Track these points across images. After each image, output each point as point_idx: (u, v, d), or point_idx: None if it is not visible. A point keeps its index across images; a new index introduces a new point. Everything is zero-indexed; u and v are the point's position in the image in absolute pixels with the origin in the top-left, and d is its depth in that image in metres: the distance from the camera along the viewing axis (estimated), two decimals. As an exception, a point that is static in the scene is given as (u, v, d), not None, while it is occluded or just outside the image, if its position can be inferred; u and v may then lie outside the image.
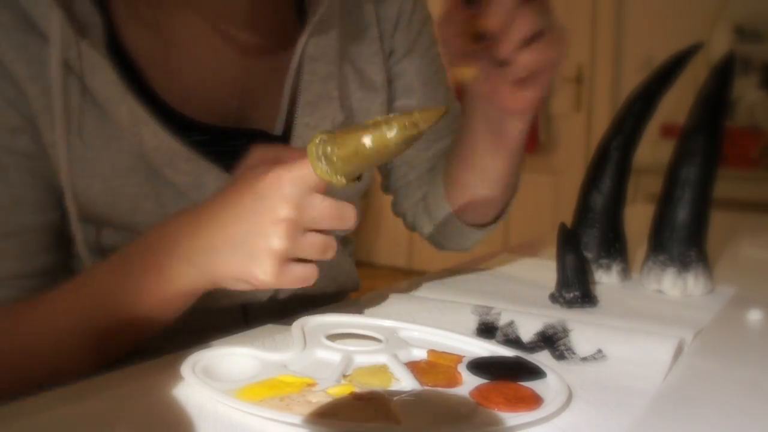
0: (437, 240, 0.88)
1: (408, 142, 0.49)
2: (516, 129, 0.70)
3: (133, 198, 0.62)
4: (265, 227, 0.50)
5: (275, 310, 0.71)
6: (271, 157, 0.54)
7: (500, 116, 0.69)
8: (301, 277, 0.52)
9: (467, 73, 0.62)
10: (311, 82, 0.70)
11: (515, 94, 0.63)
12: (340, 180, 0.50)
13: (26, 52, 0.57)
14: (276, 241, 0.50)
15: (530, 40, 0.58)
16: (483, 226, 0.83)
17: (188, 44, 0.66)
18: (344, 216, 0.52)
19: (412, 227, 0.90)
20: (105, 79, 0.59)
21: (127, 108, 0.60)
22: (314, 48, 0.71)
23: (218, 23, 0.68)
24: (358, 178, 0.52)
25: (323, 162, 0.50)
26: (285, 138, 0.70)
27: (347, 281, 0.82)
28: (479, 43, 0.58)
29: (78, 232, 0.61)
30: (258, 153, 0.56)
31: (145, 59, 0.64)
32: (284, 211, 0.50)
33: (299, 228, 0.51)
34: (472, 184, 0.77)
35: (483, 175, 0.75)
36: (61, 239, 0.64)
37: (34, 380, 0.50)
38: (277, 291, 0.72)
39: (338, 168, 0.50)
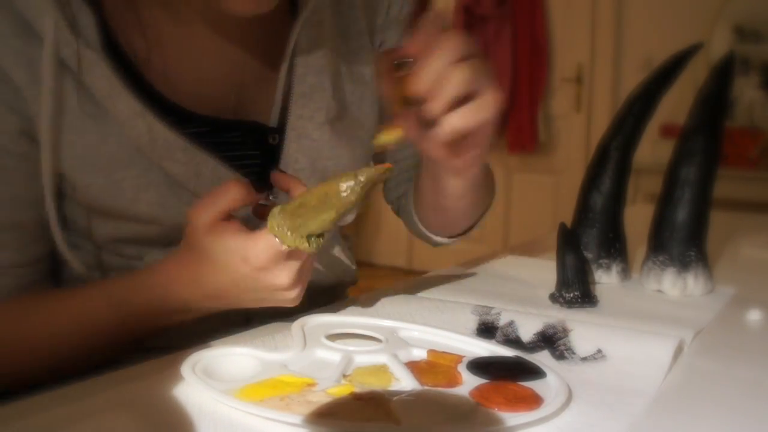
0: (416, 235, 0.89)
1: (353, 195, 0.51)
2: (456, 185, 0.69)
3: (134, 190, 0.63)
4: (275, 294, 0.56)
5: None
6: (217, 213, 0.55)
7: (439, 171, 0.68)
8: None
9: (391, 135, 0.57)
10: (305, 74, 0.72)
11: (449, 155, 0.61)
12: (304, 244, 0.53)
13: (25, 57, 0.59)
14: (291, 295, 0.56)
15: (460, 102, 0.55)
16: (453, 236, 0.83)
17: (183, 40, 0.67)
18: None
19: (398, 215, 0.91)
20: (101, 74, 0.61)
21: (123, 102, 0.62)
22: (306, 40, 0.72)
23: (211, 18, 0.68)
24: (320, 236, 0.54)
25: (285, 231, 0.53)
26: (280, 129, 0.71)
27: (345, 274, 0.84)
28: (409, 107, 0.56)
29: (53, 219, 0.64)
30: (203, 212, 0.56)
31: (140, 56, 0.65)
32: (280, 280, 0.55)
33: (301, 276, 0.56)
34: (434, 206, 0.77)
35: (442, 201, 0.74)
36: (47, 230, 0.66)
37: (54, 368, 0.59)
38: None
39: (298, 233, 0.53)
